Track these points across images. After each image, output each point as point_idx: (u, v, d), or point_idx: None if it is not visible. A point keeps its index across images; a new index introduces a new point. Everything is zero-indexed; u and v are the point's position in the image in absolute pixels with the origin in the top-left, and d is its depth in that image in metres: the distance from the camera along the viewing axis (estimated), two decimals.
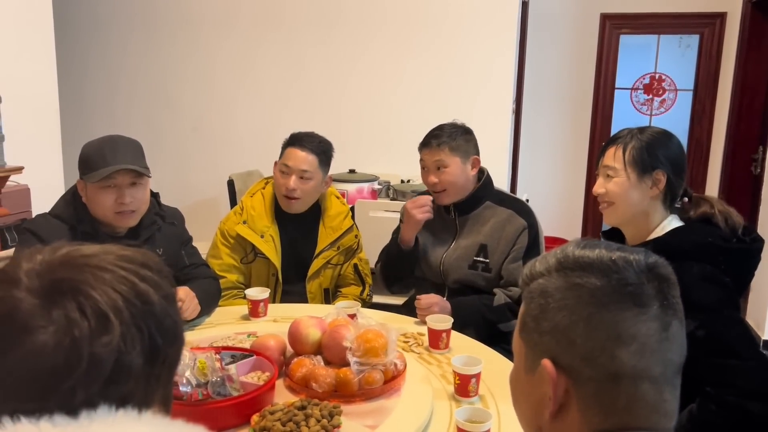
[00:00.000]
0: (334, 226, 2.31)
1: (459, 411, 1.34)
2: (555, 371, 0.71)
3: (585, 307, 0.71)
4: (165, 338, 0.63)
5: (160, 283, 0.65)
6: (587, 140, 5.08)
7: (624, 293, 0.70)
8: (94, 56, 4.57)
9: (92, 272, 0.60)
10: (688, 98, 4.95)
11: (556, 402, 0.72)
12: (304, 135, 2.27)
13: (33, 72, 3.13)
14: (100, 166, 1.75)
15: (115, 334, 0.58)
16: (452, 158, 2.14)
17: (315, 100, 4.21)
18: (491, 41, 3.94)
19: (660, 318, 0.70)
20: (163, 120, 4.47)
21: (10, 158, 2.77)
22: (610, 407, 0.70)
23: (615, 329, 0.70)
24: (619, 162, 1.60)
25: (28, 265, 0.61)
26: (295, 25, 4.18)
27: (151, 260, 0.67)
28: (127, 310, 0.60)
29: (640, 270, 0.71)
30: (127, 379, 0.59)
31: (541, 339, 0.74)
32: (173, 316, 0.65)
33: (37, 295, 0.58)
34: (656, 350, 0.70)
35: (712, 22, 4.76)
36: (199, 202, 4.47)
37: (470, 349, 1.79)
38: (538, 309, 0.74)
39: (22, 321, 0.57)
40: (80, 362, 0.56)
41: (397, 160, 4.08)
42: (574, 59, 4.98)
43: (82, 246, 0.65)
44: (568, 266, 0.73)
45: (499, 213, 2.18)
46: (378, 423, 1.39)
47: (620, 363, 0.69)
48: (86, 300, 0.58)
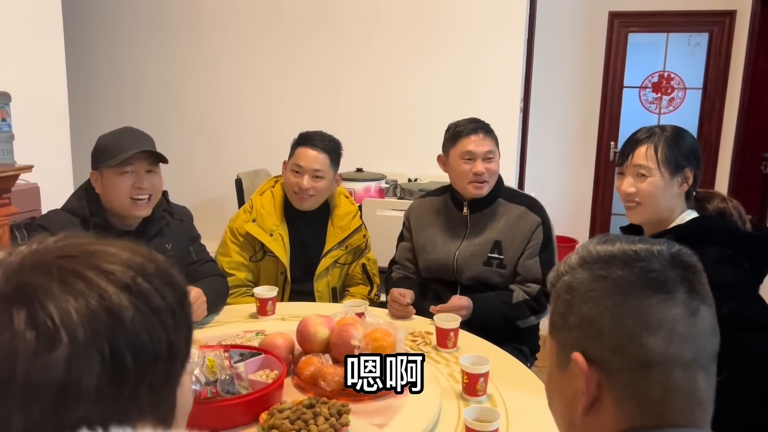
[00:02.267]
0: (342, 226, 2.31)
1: (467, 410, 1.34)
2: (586, 364, 0.71)
3: (610, 296, 0.71)
4: (138, 358, 0.55)
5: (150, 295, 0.57)
6: (595, 139, 5.06)
7: (647, 280, 0.70)
8: (102, 56, 4.59)
9: (62, 278, 0.53)
10: (697, 97, 4.92)
11: (590, 396, 0.71)
12: (314, 134, 2.27)
13: (42, 71, 3.14)
14: (118, 152, 1.80)
15: (61, 354, 0.50)
16: (498, 150, 2.18)
17: (322, 99, 4.21)
18: (499, 39, 3.93)
19: (687, 303, 0.70)
20: (170, 119, 4.49)
21: (20, 157, 2.78)
22: (644, 398, 0.69)
23: (641, 316, 0.69)
24: (652, 161, 1.61)
25: (9, 261, 0.56)
26: (302, 24, 4.18)
27: (153, 264, 0.60)
28: (85, 327, 0.52)
29: (663, 258, 0.72)
30: (77, 404, 0.51)
31: (570, 335, 0.74)
32: (156, 335, 0.56)
33: (2, 300, 0.53)
34: (685, 335, 0.69)
35: (722, 20, 4.73)
36: (207, 201, 4.48)
37: (478, 348, 1.79)
38: (565, 305, 0.75)
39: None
40: (13, 384, 0.50)
41: (405, 159, 4.08)
42: (582, 58, 4.96)
43: (74, 243, 0.59)
44: (591, 260, 0.74)
45: (511, 210, 2.17)
46: (386, 422, 1.39)
47: (649, 350, 0.69)
48: (40, 311, 0.51)
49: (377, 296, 2.43)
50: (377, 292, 2.43)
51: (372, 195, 3.64)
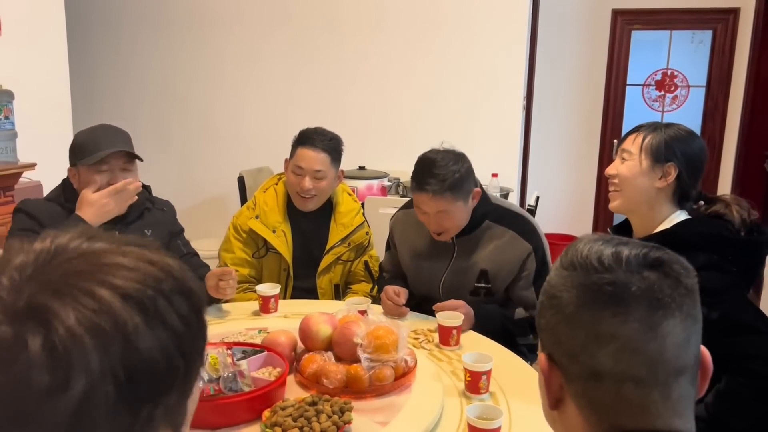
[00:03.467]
0: (345, 223, 2.31)
1: (470, 408, 1.34)
2: (547, 365, 0.74)
3: (567, 306, 0.71)
4: (155, 385, 0.52)
5: (167, 315, 0.54)
6: (598, 137, 5.05)
7: (603, 292, 0.69)
8: (105, 54, 4.60)
9: (77, 299, 0.50)
10: (701, 95, 4.91)
11: (552, 395, 0.74)
12: (314, 133, 2.25)
13: (45, 70, 3.15)
14: (95, 150, 1.81)
15: (76, 389, 0.47)
16: (456, 205, 1.92)
17: (324, 97, 4.21)
18: (502, 38, 3.92)
19: (645, 319, 0.67)
20: (173, 117, 4.49)
21: (23, 155, 2.79)
22: (599, 406, 0.70)
23: (593, 329, 0.69)
24: (635, 147, 1.61)
25: (17, 265, 0.52)
26: (305, 23, 4.18)
27: (172, 278, 0.56)
28: (100, 356, 0.49)
29: (630, 268, 0.69)
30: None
31: (541, 336, 0.77)
32: (173, 359, 0.53)
33: (12, 320, 0.48)
34: (638, 351, 0.67)
35: (725, 17, 4.71)
36: (210, 199, 4.48)
37: (481, 346, 1.79)
38: (540, 306, 0.77)
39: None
40: (27, 423, 0.47)
41: (407, 157, 4.05)
42: (586, 55, 4.95)
43: (90, 253, 0.54)
44: (565, 264, 0.74)
45: (499, 234, 2.02)
46: (388, 419, 1.39)
47: (599, 363, 0.69)
48: (55, 338, 0.48)
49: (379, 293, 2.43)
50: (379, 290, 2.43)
51: (374, 193, 3.64)
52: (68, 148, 1.92)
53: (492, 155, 3.96)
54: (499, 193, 3.68)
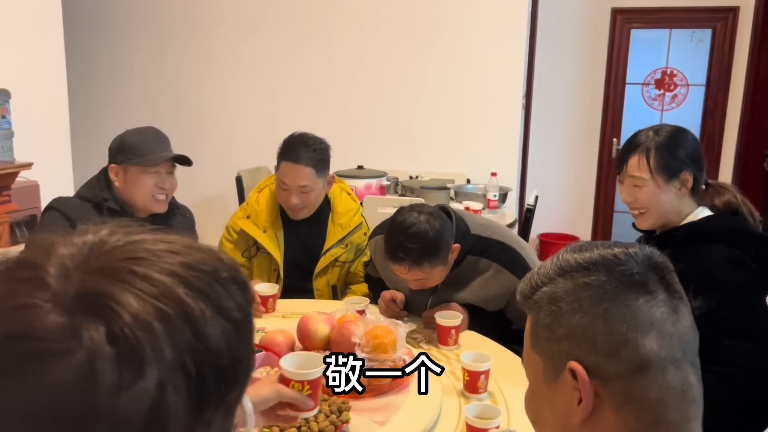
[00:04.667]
0: (342, 224, 2.29)
1: (468, 407, 1.33)
2: (585, 370, 0.70)
3: (599, 303, 0.70)
4: (222, 381, 0.48)
5: (226, 304, 0.50)
6: (598, 136, 5.04)
7: (631, 282, 0.71)
8: (102, 53, 4.59)
9: (135, 285, 0.45)
10: (700, 93, 4.90)
11: (588, 404, 0.70)
12: (298, 143, 2.16)
13: (42, 69, 3.14)
14: (148, 152, 1.91)
15: (150, 382, 0.43)
16: (435, 270, 1.82)
17: (323, 97, 4.20)
18: (501, 36, 3.92)
19: (668, 302, 0.71)
20: (170, 117, 4.48)
21: (20, 154, 2.78)
22: (643, 400, 0.69)
23: (632, 319, 0.70)
24: (645, 171, 1.61)
25: (63, 255, 0.47)
26: (303, 22, 4.17)
27: (225, 267, 0.52)
28: (170, 346, 0.45)
29: (640, 260, 0.73)
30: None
31: (559, 346, 0.72)
32: (237, 351, 0.50)
33: (63, 309, 0.44)
34: (673, 333, 0.70)
35: (725, 16, 4.70)
36: (208, 199, 4.47)
37: (479, 346, 1.78)
38: (551, 316, 0.73)
39: (41, 344, 0.43)
40: (101, 419, 0.43)
41: (406, 156, 4.07)
42: (585, 54, 4.94)
43: (138, 240, 0.50)
44: (571, 269, 0.73)
45: (482, 268, 1.91)
46: (387, 419, 1.38)
47: (645, 351, 0.69)
48: (120, 327, 0.43)
49: None
50: None
51: (373, 192, 3.63)
52: (64, 146, 1.93)
53: (491, 154, 3.95)
54: (498, 192, 3.67)
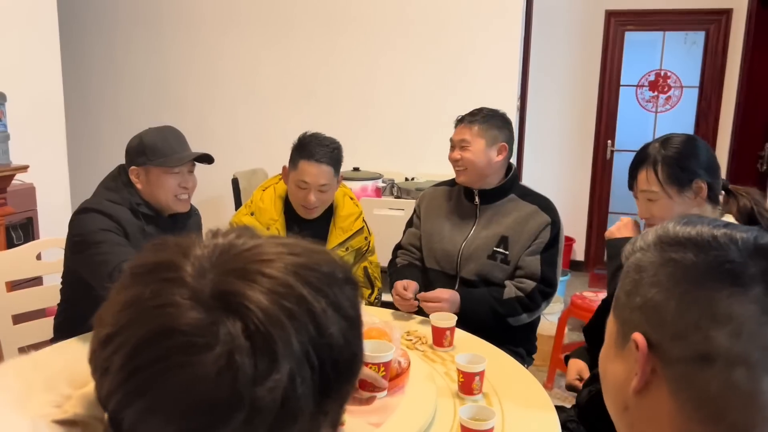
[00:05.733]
0: (344, 227, 2.30)
1: (463, 409, 1.34)
2: (646, 345, 0.68)
3: (679, 283, 0.67)
4: (340, 374, 0.52)
5: (342, 303, 0.53)
6: (592, 137, 5.06)
7: (722, 270, 0.65)
8: (98, 55, 4.59)
9: (263, 284, 0.49)
10: (694, 95, 4.92)
11: (643, 379, 0.69)
12: (315, 143, 2.17)
13: (38, 71, 3.14)
14: (170, 152, 1.92)
15: (284, 373, 0.47)
16: (477, 140, 2.11)
17: (319, 98, 4.21)
18: (495, 38, 3.93)
19: (762, 300, 0.64)
20: (168, 119, 4.46)
21: (16, 157, 2.78)
22: (702, 392, 0.66)
23: (710, 308, 0.65)
24: (655, 185, 1.60)
25: (198, 256, 0.51)
26: (299, 24, 4.18)
27: (340, 269, 0.56)
28: (299, 340, 0.48)
29: (745, 248, 0.66)
30: (294, 423, 0.49)
31: (632, 315, 0.71)
32: (353, 346, 0.53)
33: (202, 305, 0.48)
34: (755, 334, 0.64)
35: (718, 18, 4.73)
36: (204, 201, 4.47)
37: (474, 347, 1.79)
38: (632, 284, 0.71)
39: (185, 338, 0.47)
40: (241, 407, 0.46)
41: (402, 158, 4.08)
42: (579, 56, 4.97)
43: (263, 243, 0.54)
44: (667, 241, 0.70)
45: (522, 207, 2.16)
46: (382, 420, 1.39)
47: (714, 344, 0.65)
48: (254, 323, 0.47)
49: (377, 300, 2.42)
50: (377, 296, 2.42)
51: (369, 194, 3.64)
52: (60, 149, 1.92)
53: None
54: None
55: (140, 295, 0.50)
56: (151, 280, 0.51)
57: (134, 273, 0.53)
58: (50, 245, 2.24)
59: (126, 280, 0.53)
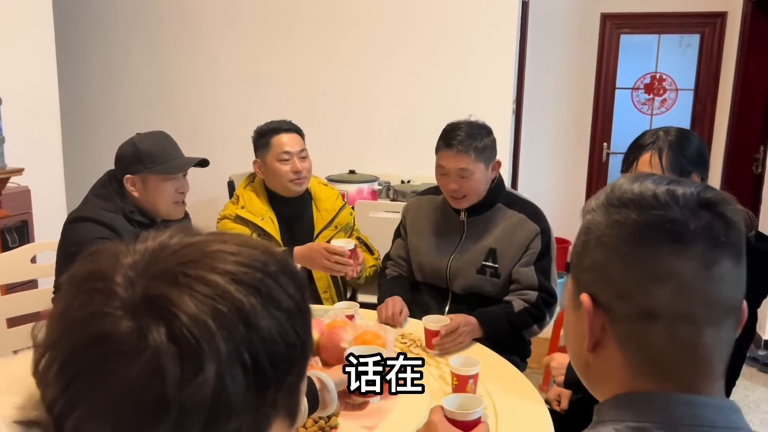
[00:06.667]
0: (327, 208, 2.39)
1: (448, 399, 1.24)
2: (592, 305, 0.71)
3: (622, 244, 0.69)
4: (277, 367, 0.53)
5: (278, 295, 0.54)
6: (588, 140, 5.08)
7: (662, 229, 0.67)
8: (94, 57, 4.58)
9: (190, 287, 0.50)
10: (689, 98, 4.94)
11: (593, 336, 0.71)
12: (275, 124, 2.35)
13: (33, 74, 3.14)
14: (168, 158, 1.92)
15: (210, 373, 0.48)
16: (477, 165, 2.00)
17: (315, 101, 4.21)
18: (491, 41, 3.94)
19: (702, 256, 0.66)
20: (163, 121, 4.47)
21: (11, 160, 2.77)
22: (647, 348, 0.69)
23: (652, 266, 0.67)
24: (657, 169, 1.60)
25: (128, 264, 0.52)
26: (296, 25, 4.18)
27: (274, 261, 0.56)
28: (225, 339, 0.49)
29: (686, 205, 0.68)
30: (228, 418, 0.50)
31: (582, 275, 0.73)
32: (290, 338, 0.54)
33: (132, 314, 0.49)
34: (696, 289, 0.67)
35: (713, 21, 4.75)
36: (200, 203, 4.46)
37: (468, 350, 1.79)
38: (581, 245, 0.74)
39: (116, 346, 0.48)
40: (170, 409, 0.48)
41: (397, 161, 4.08)
42: (575, 59, 4.98)
43: (193, 243, 0.55)
44: (612, 202, 0.71)
45: (509, 216, 2.09)
46: (375, 424, 1.39)
47: (656, 301, 0.67)
48: (179, 327, 0.48)
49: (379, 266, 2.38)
50: (378, 256, 2.43)
51: (365, 197, 3.65)
52: (55, 152, 1.91)
53: None
54: None
55: (71, 306, 0.51)
56: (82, 290, 0.52)
57: (68, 284, 0.53)
58: (45, 248, 2.24)
59: (62, 290, 0.54)
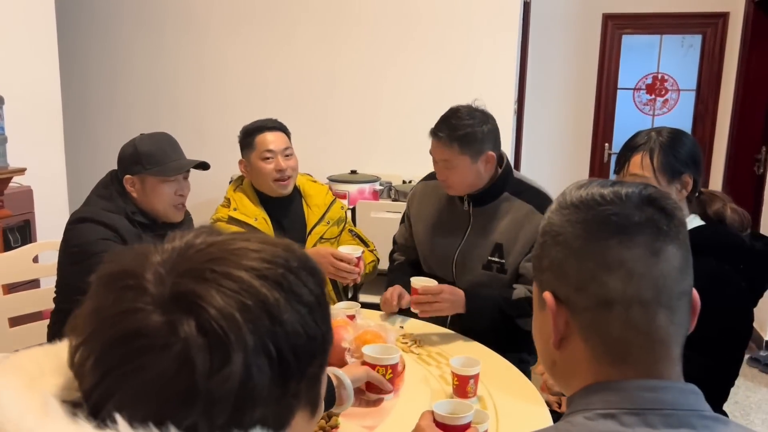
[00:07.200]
0: (318, 203, 2.37)
1: (438, 404, 1.28)
2: (554, 303, 0.76)
3: (575, 240, 0.75)
4: (300, 358, 0.55)
5: (299, 290, 0.57)
6: (589, 140, 5.07)
7: (609, 222, 0.73)
8: (96, 57, 4.59)
9: (217, 282, 0.53)
10: (691, 98, 4.94)
11: (558, 333, 0.76)
12: (259, 122, 2.32)
13: (35, 73, 3.14)
14: (166, 160, 1.91)
15: (237, 364, 0.51)
16: (460, 158, 1.92)
17: (316, 101, 4.22)
18: (493, 41, 3.94)
19: (648, 244, 0.72)
20: (166, 121, 4.48)
21: (13, 159, 2.78)
22: (607, 336, 0.73)
23: (603, 257, 0.73)
24: (648, 170, 1.59)
25: (156, 262, 0.55)
26: (298, 26, 4.18)
27: (295, 257, 0.59)
28: (251, 333, 0.52)
29: (630, 201, 0.74)
30: (254, 407, 0.52)
31: (543, 276, 0.79)
32: (312, 330, 0.56)
33: (162, 309, 0.51)
34: (644, 275, 0.72)
35: (715, 21, 4.75)
36: (201, 204, 4.46)
37: (469, 350, 1.79)
38: (540, 248, 0.79)
39: (148, 341, 0.51)
40: (199, 399, 0.50)
41: (399, 161, 4.08)
42: (577, 59, 4.98)
43: (218, 242, 0.57)
44: (564, 205, 0.77)
45: (517, 207, 1.98)
46: (376, 424, 1.39)
47: (609, 289, 0.72)
48: (207, 320, 0.51)
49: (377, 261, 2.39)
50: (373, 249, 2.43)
51: (366, 197, 3.65)
52: (58, 151, 1.91)
53: None
54: None
55: (103, 303, 0.54)
56: (114, 288, 0.54)
57: (99, 283, 0.56)
58: (47, 248, 2.24)
59: (92, 289, 0.56)
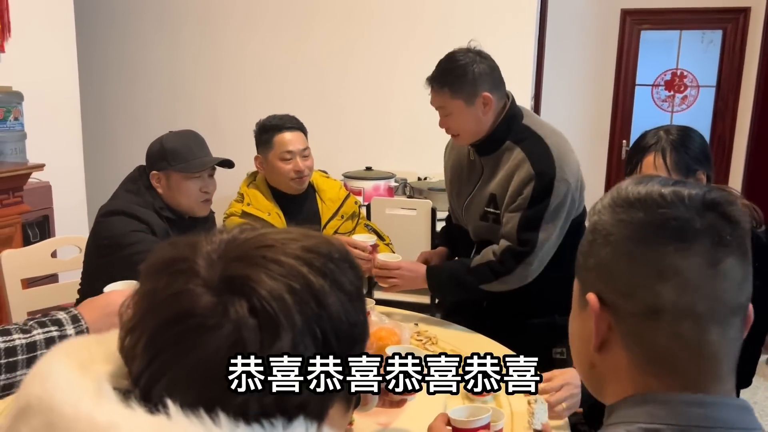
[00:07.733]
0: (332, 198, 2.40)
1: (456, 409, 1.26)
2: (599, 305, 0.71)
3: (627, 242, 0.70)
4: (342, 342, 0.57)
5: (341, 279, 0.59)
6: (607, 137, 5.03)
7: (668, 227, 0.68)
8: (113, 55, 4.63)
9: (267, 267, 0.55)
10: (711, 95, 4.87)
11: (599, 336, 0.72)
12: (276, 120, 2.33)
13: (54, 71, 3.17)
14: (191, 157, 1.95)
15: (286, 341, 0.53)
16: (453, 102, 1.85)
17: (331, 97, 4.22)
18: (509, 37, 3.91)
19: (708, 254, 0.67)
20: (183, 118, 4.51)
21: (32, 156, 2.81)
22: (652, 346, 0.69)
23: (657, 264, 0.68)
24: (662, 170, 1.58)
25: (207, 250, 0.57)
26: (312, 22, 4.19)
27: (336, 250, 0.61)
28: (299, 314, 0.54)
29: (692, 205, 0.68)
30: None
31: (588, 275, 0.74)
32: (353, 318, 0.59)
33: (213, 291, 0.54)
34: (701, 287, 0.67)
35: (736, 17, 4.68)
36: (217, 200, 4.49)
37: (486, 347, 1.78)
38: (587, 245, 0.75)
39: (199, 320, 0.53)
40: None
41: (414, 157, 4.07)
42: (594, 55, 4.93)
43: (264, 233, 0.60)
44: (618, 202, 0.72)
45: (514, 156, 1.88)
46: (390, 421, 1.39)
47: (661, 298, 0.68)
48: (258, 301, 0.53)
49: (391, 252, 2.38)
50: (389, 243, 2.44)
51: (381, 193, 3.64)
52: (76, 148, 1.94)
53: None
54: None
55: (155, 287, 0.56)
56: (165, 273, 0.56)
57: (149, 270, 0.58)
58: (66, 243, 2.27)
59: (142, 277, 0.58)
